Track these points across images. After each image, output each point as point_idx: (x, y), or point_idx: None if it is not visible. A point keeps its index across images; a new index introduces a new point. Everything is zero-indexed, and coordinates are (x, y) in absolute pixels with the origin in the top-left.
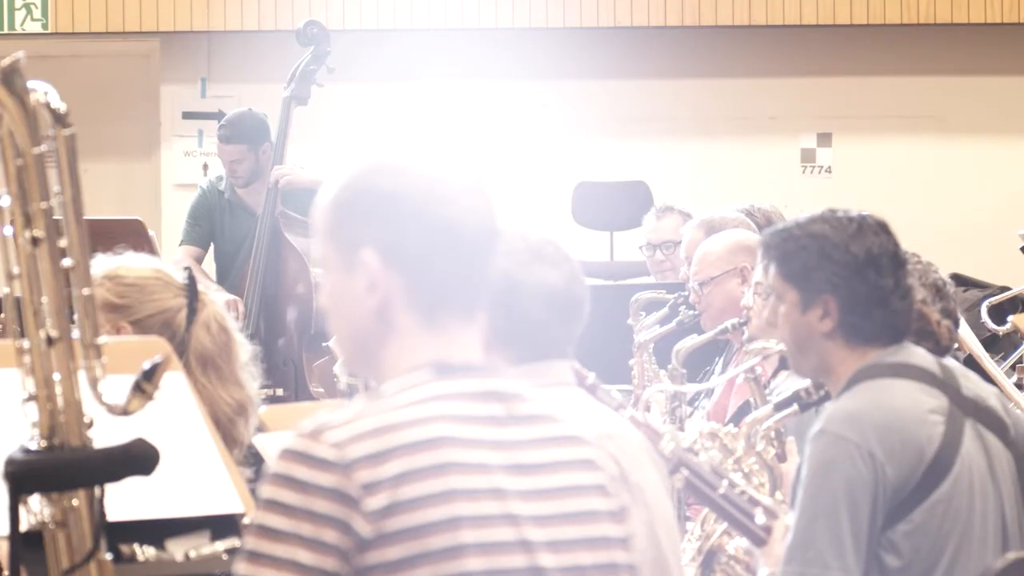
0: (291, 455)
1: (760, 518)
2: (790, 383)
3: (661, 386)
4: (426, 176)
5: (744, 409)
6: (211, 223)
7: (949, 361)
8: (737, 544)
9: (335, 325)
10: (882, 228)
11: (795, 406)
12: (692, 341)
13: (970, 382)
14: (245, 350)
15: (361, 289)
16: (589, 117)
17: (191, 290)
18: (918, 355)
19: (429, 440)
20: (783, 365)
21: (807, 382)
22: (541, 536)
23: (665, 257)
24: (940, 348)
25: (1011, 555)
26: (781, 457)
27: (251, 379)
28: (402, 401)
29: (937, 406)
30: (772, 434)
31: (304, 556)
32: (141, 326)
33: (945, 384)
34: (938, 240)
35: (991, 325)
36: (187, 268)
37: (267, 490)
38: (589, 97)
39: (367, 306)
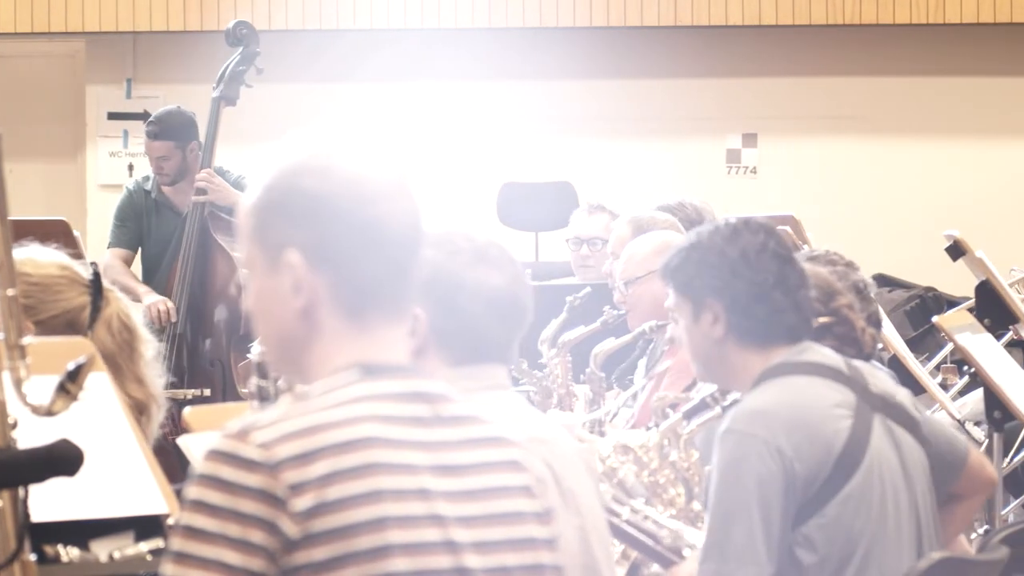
0: (217, 456)
1: (667, 540)
2: (707, 388)
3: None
4: (351, 177)
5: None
6: (138, 224)
7: (857, 361)
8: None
9: (261, 326)
10: (763, 228)
11: (718, 408)
12: (611, 344)
13: (878, 379)
14: (151, 347)
15: (286, 290)
16: (514, 117)
17: (95, 287)
18: (823, 354)
19: (356, 441)
20: None
21: (710, 389)
22: (467, 537)
23: (590, 253)
24: (863, 355)
25: (936, 554)
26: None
27: (156, 377)
28: (329, 402)
29: (843, 400)
30: (686, 442)
31: (231, 557)
32: (45, 326)
33: (852, 380)
34: (863, 240)
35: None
36: (93, 263)
37: (193, 491)
38: (514, 97)
39: (292, 307)
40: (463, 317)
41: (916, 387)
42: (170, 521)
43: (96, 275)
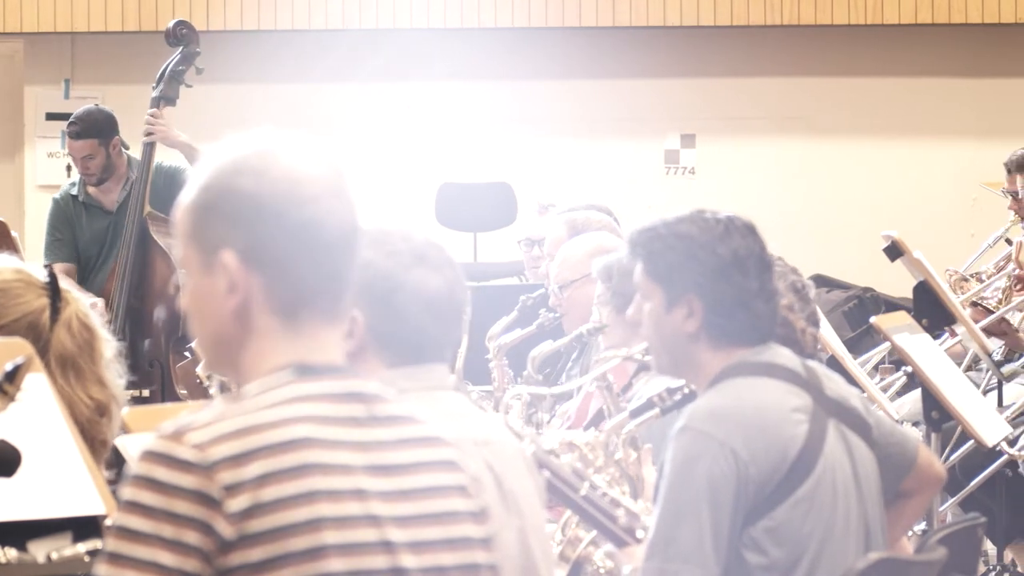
0: (152, 456)
1: (622, 519)
2: (649, 387)
3: (520, 389)
4: (286, 177)
5: (600, 415)
6: (71, 231)
7: (813, 363)
8: (605, 552)
9: (196, 326)
10: (749, 230)
11: (656, 410)
12: (548, 347)
13: (833, 383)
14: (110, 347)
15: (221, 291)
16: (453, 118)
17: (53, 288)
18: (783, 355)
19: (291, 441)
20: (641, 368)
21: (662, 387)
22: (402, 537)
23: (542, 253)
24: (804, 354)
25: (873, 555)
26: (638, 463)
27: (116, 377)
28: (264, 402)
29: (801, 405)
30: (628, 441)
31: (165, 558)
32: (7, 331)
33: (809, 384)
34: (801, 241)
35: None
36: (47, 265)
37: (128, 492)
38: (453, 98)
39: (227, 307)
40: (402, 318)
41: (854, 387)
42: (108, 522)
43: (52, 276)
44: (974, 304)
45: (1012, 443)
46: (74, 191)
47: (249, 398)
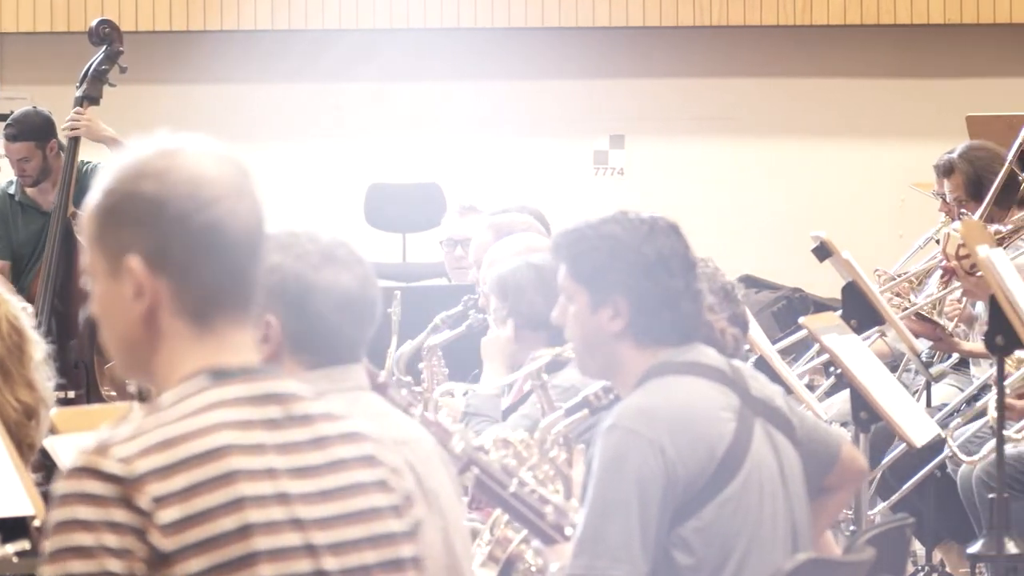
0: (80, 472)
1: (551, 516)
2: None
3: (449, 386)
4: (188, 179)
5: (514, 408)
6: (7, 229)
7: (737, 362)
8: (534, 550)
9: (107, 332)
10: (673, 230)
11: (585, 410)
12: (409, 346)
13: (758, 382)
14: (40, 349)
15: (128, 296)
16: (382, 118)
17: None
18: (708, 354)
19: (215, 450)
20: (553, 366)
21: (593, 387)
22: (324, 539)
23: (464, 254)
24: (726, 355)
25: (802, 556)
26: (568, 463)
27: (45, 379)
28: (182, 411)
29: (728, 404)
30: (561, 440)
31: (115, 565)
32: None
33: (735, 383)
34: (730, 241)
35: None
36: None
37: (62, 512)
38: (382, 98)
39: (135, 313)
40: (316, 320)
41: (783, 388)
42: (36, 523)
43: None
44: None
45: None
46: (11, 190)
47: (167, 407)
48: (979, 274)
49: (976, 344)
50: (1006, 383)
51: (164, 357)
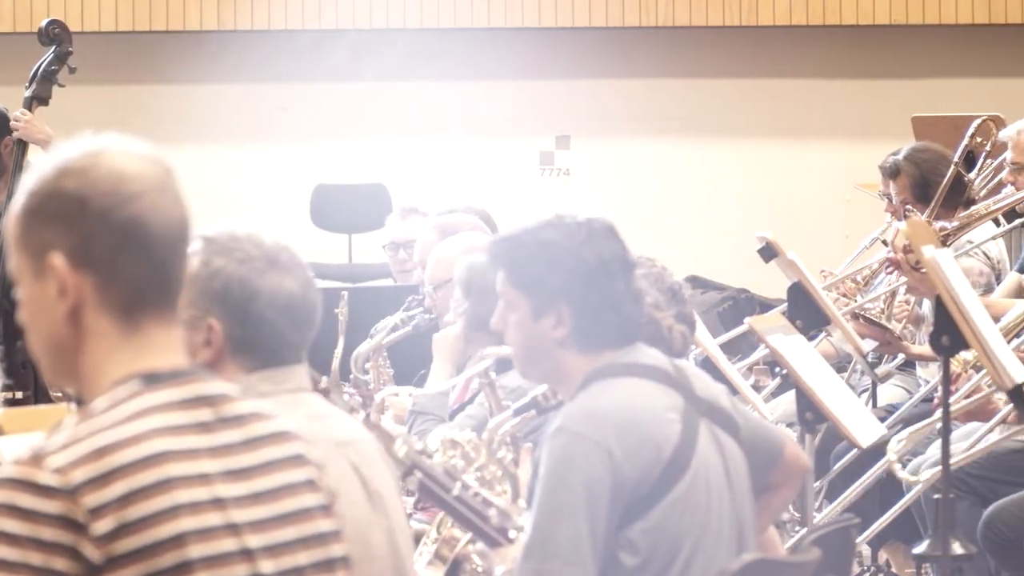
0: (12, 484)
1: (495, 519)
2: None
3: (394, 388)
4: (110, 175)
5: (461, 409)
6: None
7: (681, 362)
8: (477, 552)
9: (33, 338)
10: (610, 232)
11: (533, 411)
12: (367, 346)
13: (702, 382)
14: None
15: (52, 295)
16: (327, 119)
17: None
18: (651, 355)
19: (149, 457)
20: (500, 367)
21: (542, 387)
22: (259, 542)
23: (408, 257)
24: (673, 352)
25: (748, 556)
26: (516, 463)
27: None
28: (115, 418)
29: (673, 404)
30: (508, 440)
31: None
32: None
33: (679, 383)
34: (676, 242)
35: None
36: None
37: None
38: (327, 99)
39: (60, 312)
40: (258, 324)
41: (729, 389)
42: None
43: None
44: (856, 316)
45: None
46: None
47: (99, 414)
48: (924, 270)
49: (924, 348)
50: (959, 391)
51: (91, 359)
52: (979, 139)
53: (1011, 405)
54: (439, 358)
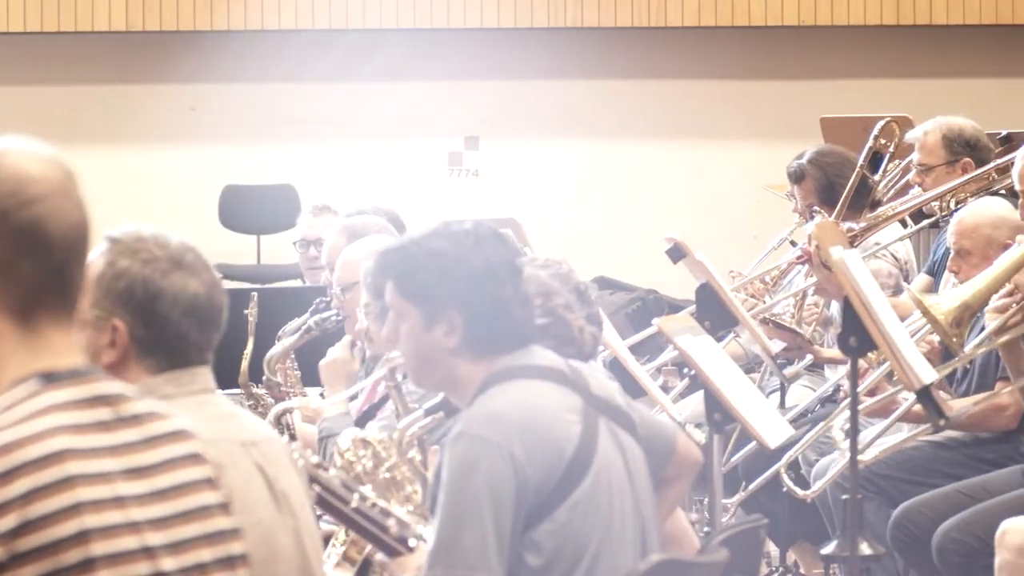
0: None
1: (393, 529)
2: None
3: (291, 403)
4: (11, 177)
5: (369, 412)
6: None
7: (575, 362)
8: (378, 562)
9: None
10: (497, 236)
11: (442, 412)
12: (280, 347)
13: (598, 381)
14: None
15: None
16: (236, 120)
17: None
18: (545, 356)
19: (52, 454)
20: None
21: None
22: (160, 539)
23: (318, 254)
24: (583, 354)
25: (655, 556)
26: (424, 464)
27: None
28: (16, 416)
29: (572, 405)
30: (416, 441)
31: None
32: None
33: (576, 383)
34: (585, 243)
35: None
36: None
37: None
38: (237, 100)
39: None
40: (163, 325)
41: (637, 390)
42: None
43: None
44: (765, 321)
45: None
46: None
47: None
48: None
49: (834, 351)
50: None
51: None
52: (883, 141)
53: (913, 400)
54: (329, 386)
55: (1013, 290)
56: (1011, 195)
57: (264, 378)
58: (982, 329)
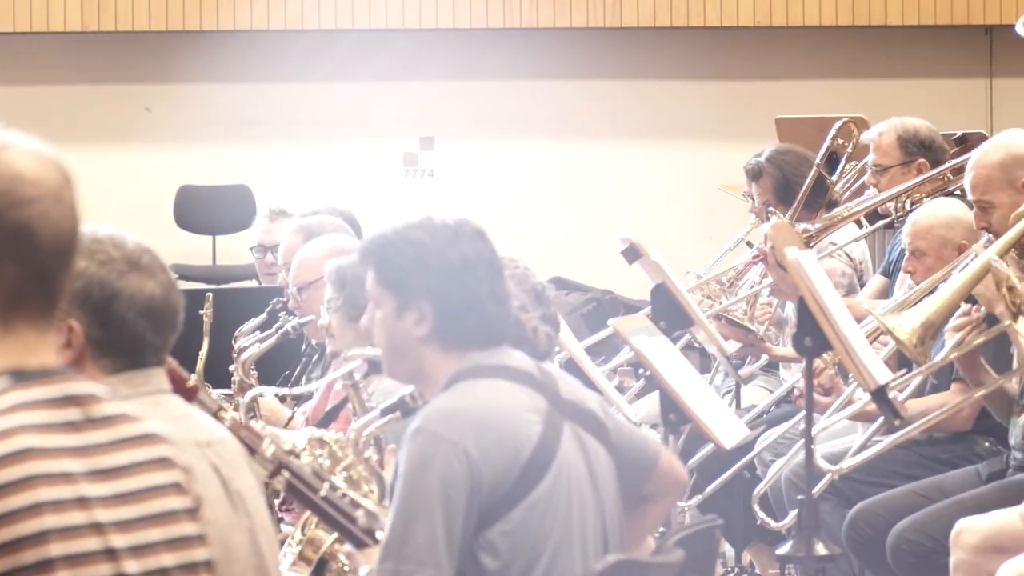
0: None
1: (362, 520)
2: (387, 386)
3: (261, 389)
4: (7, 176)
5: (332, 413)
6: None
7: (548, 365)
8: (344, 552)
9: None
10: (479, 234)
11: (398, 412)
12: (256, 350)
13: (569, 385)
14: None
15: None
16: (192, 120)
17: None
18: (516, 357)
19: (15, 453)
20: (373, 370)
21: (410, 387)
22: (124, 542)
23: (275, 260)
24: (538, 353)
25: (611, 557)
26: (380, 464)
27: None
28: None
29: (535, 406)
30: (372, 441)
31: None
32: None
33: (544, 386)
34: (540, 243)
35: None
36: None
37: None
38: (192, 100)
39: None
40: (119, 326)
41: (593, 390)
42: None
43: None
44: (718, 316)
45: (748, 447)
46: None
47: None
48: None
49: (787, 349)
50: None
51: None
52: (840, 141)
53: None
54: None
55: (970, 309)
56: (966, 196)
57: (238, 379)
58: (942, 344)
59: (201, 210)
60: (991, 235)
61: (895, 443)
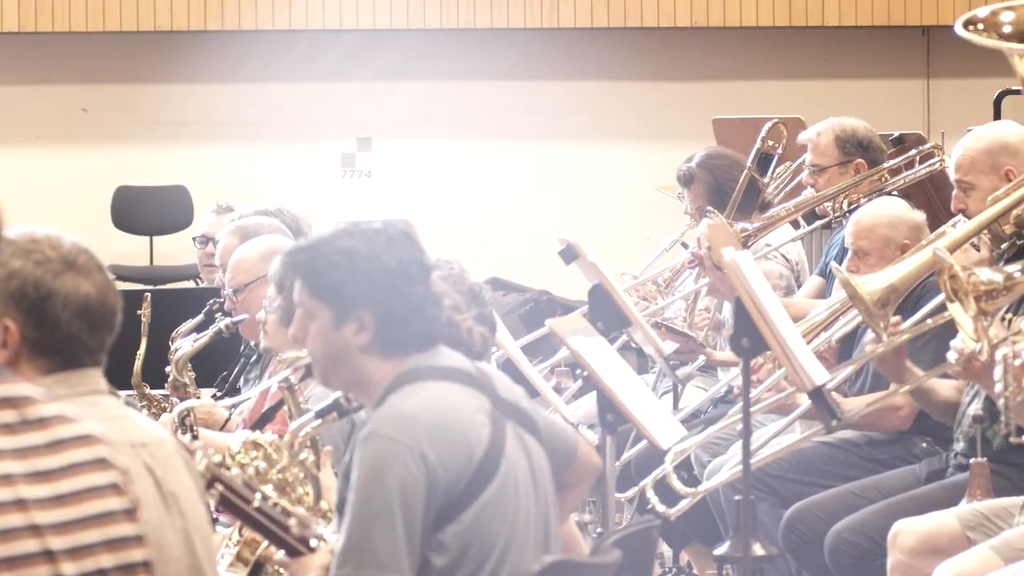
0: None
1: (295, 529)
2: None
3: (191, 402)
4: None
5: (267, 414)
6: None
7: (482, 364)
8: (278, 560)
9: None
10: (407, 236)
11: (334, 413)
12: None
13: (504, 384)
14: None
15: None
16: (128, 121)
17: None
18: (454, 358)
19: None
20: (309, 372)
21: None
22: (61, 544)
23: (215, 251)
24: (473, 354)
25: (549, 557)
26: (316, 465)
27: None
28: None
29: (481, 407)
30: (309, 442)
31: None
32: None
33: (483, 385)
34: (477, 244)
35: None
36: None
37: None
38: (129, 100)
39: None
40: (54, 326)
41: (530, 390)
42: None
43: None
44: (658, 325)
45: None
46: None
47: None
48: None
49: (727, 353)
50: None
51: None
52: (771, 142)
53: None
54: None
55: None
56: (904, 195)
57: (172, 379)
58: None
59: (138, 211)
60: (965, 217)
61: (811, 437)
